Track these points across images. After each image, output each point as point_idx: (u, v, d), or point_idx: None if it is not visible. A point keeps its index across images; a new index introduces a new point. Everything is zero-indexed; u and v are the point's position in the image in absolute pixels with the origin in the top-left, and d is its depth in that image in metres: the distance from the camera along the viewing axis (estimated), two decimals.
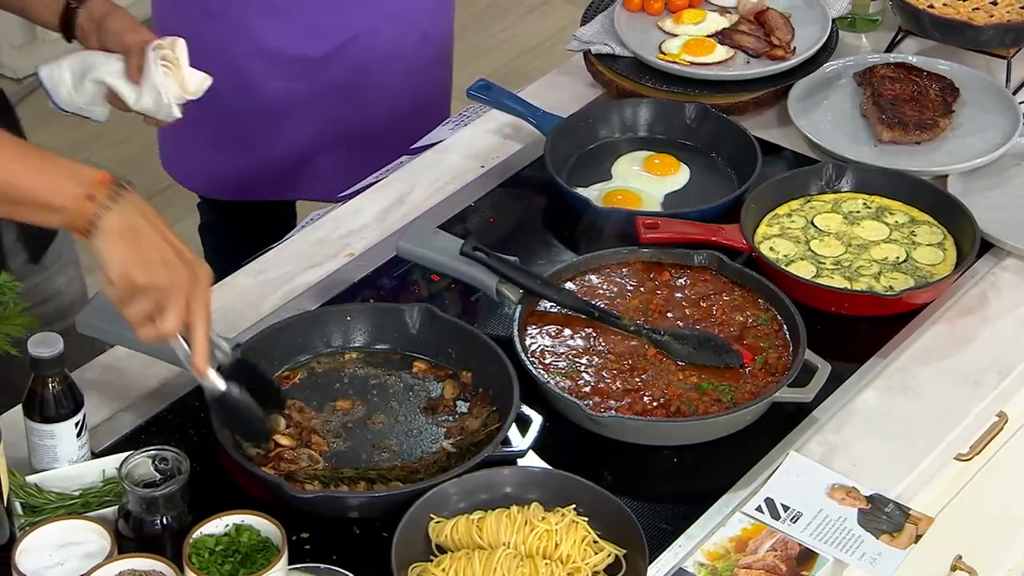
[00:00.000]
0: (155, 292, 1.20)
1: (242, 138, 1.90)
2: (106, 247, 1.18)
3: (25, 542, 1.21)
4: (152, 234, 1.20)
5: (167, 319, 1.20)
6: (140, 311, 1.20)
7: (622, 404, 1.40)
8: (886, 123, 1.73)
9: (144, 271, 1.19)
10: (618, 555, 1.26)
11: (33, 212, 1.18)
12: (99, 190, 1.18)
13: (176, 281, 1.20)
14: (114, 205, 1.18)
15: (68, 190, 1.18)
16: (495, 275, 1.49)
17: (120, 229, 1.18)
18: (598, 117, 1.76)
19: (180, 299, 1.20)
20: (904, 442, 1.40)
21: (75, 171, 1.19)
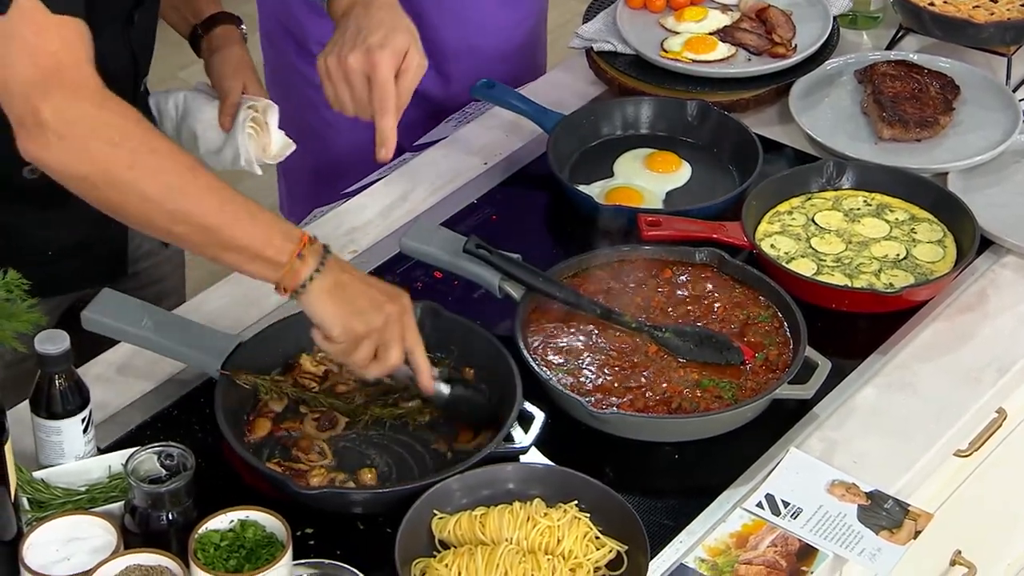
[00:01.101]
0: (375, 334, 1.27)
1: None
2: (321, 307, 1.25)
3: (32, 537, 1.22)
4: (355, 284, 1.27)
5: (391, 355, 1.28)
6: (365, 356, 1.28)
7: (624, 401, 1.41)
8: (887, 120, 1.74)
9: (361, 320, 1.26)
10: (620, 551, 1.27)
11: (240, 259, 1.23)
12: (307, 248, 1.23)
13: (389, 316, 1.27)
14: (320, 265, 1.24)
15: (279, 244, 1.23)
16: (498, 272, 1.50)
17: (329, 288, 1.25)
18: (600, 114, 1.77)
19: (397, 331, 1.28)
20: (904, 438, 1.41)
21: (284, 227, 1.24)
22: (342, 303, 1.25)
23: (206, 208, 1.20)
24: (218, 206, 1.20)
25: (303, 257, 1.22)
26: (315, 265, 1.23)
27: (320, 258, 1.24)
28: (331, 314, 1.25)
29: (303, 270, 1.23)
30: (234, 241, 1.21)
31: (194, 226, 1.21)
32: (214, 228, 1.21)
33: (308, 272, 1.23)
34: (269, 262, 1.22)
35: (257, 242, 1.21)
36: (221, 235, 1.21)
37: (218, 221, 1.20)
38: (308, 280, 1.23)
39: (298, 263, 1.22)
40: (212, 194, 1.21)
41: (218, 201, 1.20)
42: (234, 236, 1.21)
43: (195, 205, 1.20)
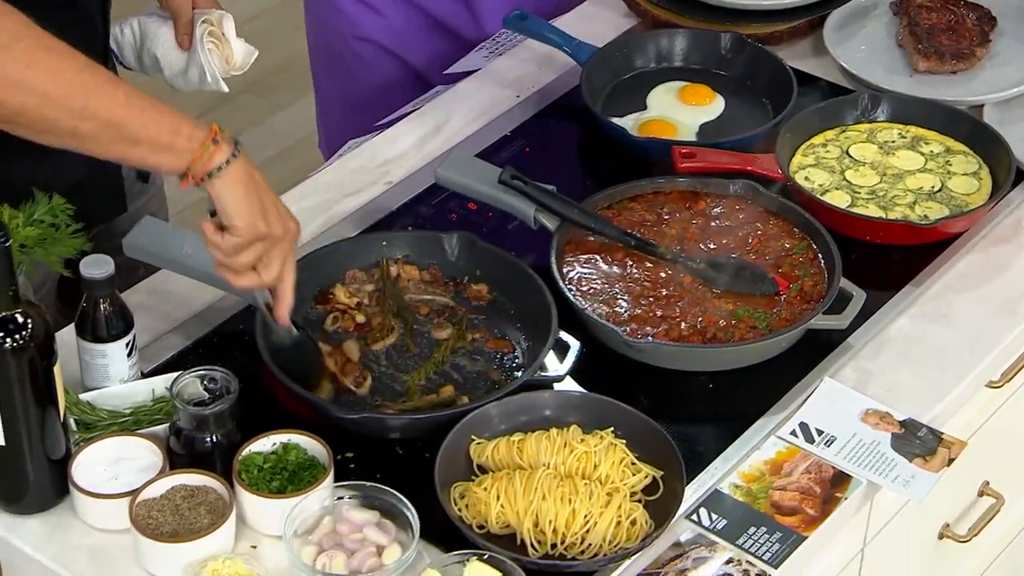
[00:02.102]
0: (269, 241, 1.24)
1: None
2: (231, 194, 1.20)
3: (80, 457, 1.24)
4: (266, 186, 1.24)
5: (271, 269, 1.25)
6: (249, 260, 1.24)
7: (659, 330, 1.42)
8: (922, 52, 1.73)
9: (266, 221, 1.23)
10: (655, 476, 1.29)
11: (149, 152, 1.19)
12: (220, 136, 1.20)
13: (288, 232, 1.25)
14: (234, 152, 1.20)
15: (189, 132, 1.19)
16: (533, 203, 1.50)
17: (244, 178, 1.21)
18: (634, 47, 1.76)
19: (286, 250, 1.25)
20: (937, 369, 1.42)
21: (191, 119, 1.21)
22: (254, 197, 1.21)
23: (112, 102, 1.17)
24: (124, 100, 1.17)
25: (217, 143, 1.19)
26: (229, 152, 1.20)
27: (233, 147, 1.21)
28: (242, 204, 1.20)
29: (217, 155, 1.19)
30: (144, 131, 1.18)
31: (101, 121, 1.17)
32: (121, 121, 1.17)
33: (223, 157, 1.19)
34: (179, 150, 1.19)
35: (166, 132, 1.18)
36: (129, 128, 1.17)
37: (126, 113, 1.17)
38: (224, 164, 1.19)
39: (212, 147, 1.19)
40: (116, 88, 1.18)
41: (123, 95, 1.17)
42: (144, 126, 1.17)
43: (100, 100, 1.17)
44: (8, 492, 1.24)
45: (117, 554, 1.22)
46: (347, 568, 1.20)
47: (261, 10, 3.38)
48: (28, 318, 1.17)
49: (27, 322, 1.17)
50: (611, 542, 1.23)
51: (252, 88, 3.13)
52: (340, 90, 1.90)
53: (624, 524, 1.24)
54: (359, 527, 1.22)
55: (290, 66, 3.14)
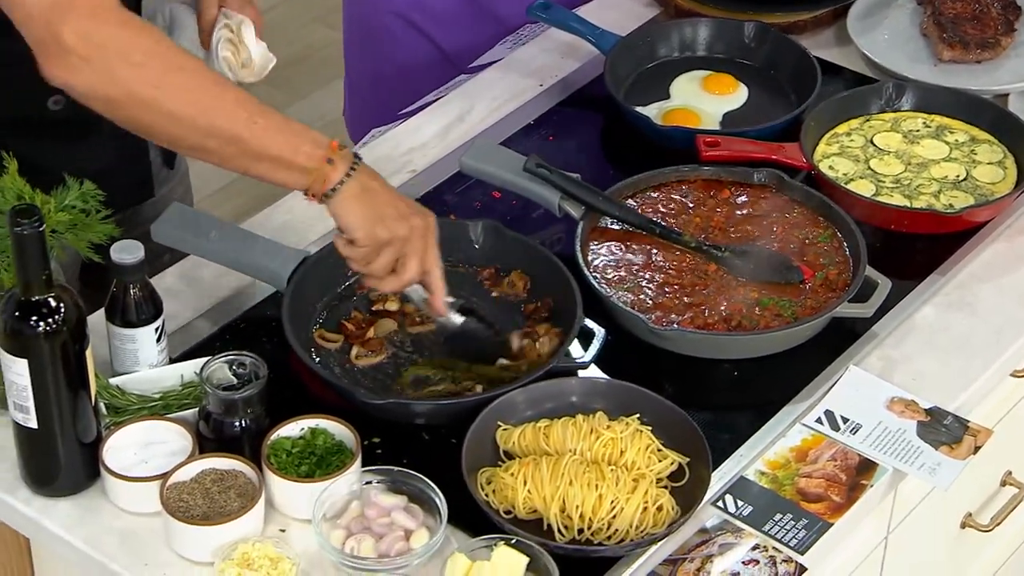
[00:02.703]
0: (397, 243, 1.28)
1: None
2: (347, 211, 1.26)
3: (111, 440, 1.25)
4: (384, 192, 1.28)
5: (409, 268, 1.29)
6: (385, 265, 1.29)
7: (684, 318, 1.42)
8: (947, 42, 1.73)
9: (386, 227, 1.27)
10: (681, 463, 1.29)
11: (270, 168, 1.24)
12: (336, 155, 1.25)
13: (414, 229, 1.28)
14: (350, 170, 1.25)
15: (308, 151, 1.24)
16: (557, 191, 1.51)
17: (358, 193, 1.26)
18: (657, 36, 1.76)
19: (419, 246, 1.29)
20: (962, 357, 1.42)
21: (312, 135, 1.26)
22: (369, 208, 1.26)
23: (235, 121, 1.22)
24: (247, 118, 1.22)
25: (333, 162, 1.24)
26: (345, 170, 1.25)
27: (350, 164, 1.26)
28: (357, 218, 1.26)
29: (333, 175, 1.24)
30: (265, 151, 1.23)
31: (224, 139, 1.22)
32: (244, 140, 1.22)
33: (338, 177, 1.25)
34: (299, 169, 1.24)
35: (287, 150, 1.23)
36: (251, 146, 1.22)
37: (248, 133, 1.22)
38: (338, 184, 1.25)
39: (328, 168, 1.24)
40: (240, 107, 1.22)
41: (246, 114, 1.22)
42: (264, 146, 1.23)
43: (224, 119, 1.22)
44: (40, 475, 1.25)
45: (147, 537, 1.23)
46: (375, 552, 1.20)
47: (278, 0, 3.38)
48: (61, 302, 1.18)
49: (60, 306, 1.18)
50: (637, 528, 1.23)
51: (268, 79, 3.14)
52: (369, 66, 1.89)
53: (650, 510, 1.24)
54: (387, 511, 1.23)
55: (306, 57, 3.14)
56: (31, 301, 1.17)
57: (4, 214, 1.24)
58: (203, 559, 1.20)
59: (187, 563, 1.21)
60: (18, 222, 1.13)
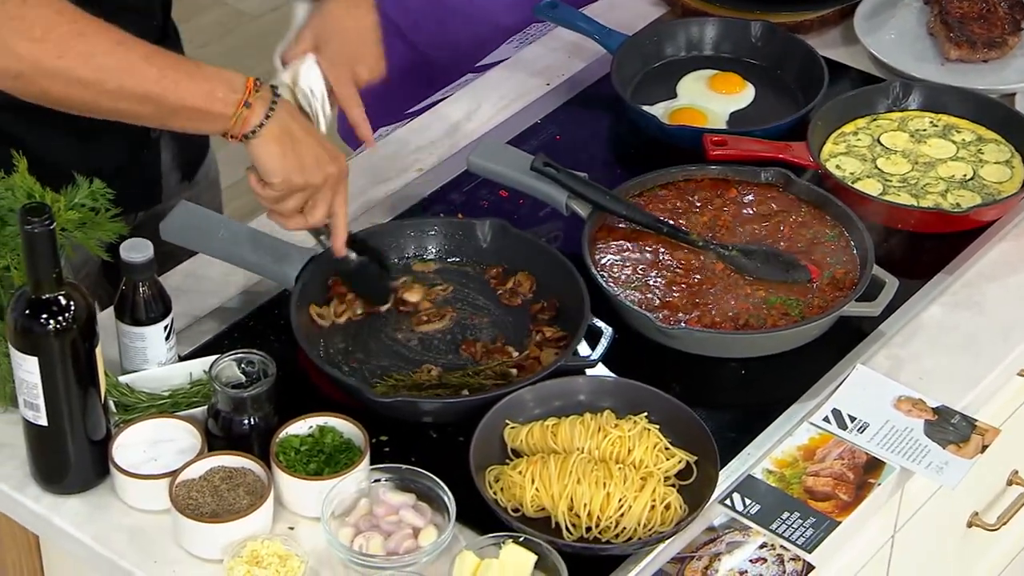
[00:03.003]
0: (310, 190, 1.28)
1: None
2: (266, 154, 1.25)
3: (120, 438, 1.25)
4: (305, 136, 1.27)
5: (317, 212, 1.30)
6: (293, 207, 1.29)
7: (691, 317, 1.42)
8: (954, 41, 1.73)
9: (302, 173, 1.27)
10: (689, 461, 1.29)
11: (189, 120, 1.24)
12: (252, 96, 1.23)
13: (328, 176, 1.29)
14: (268, 111, 1.24)
15: (223, 96, 1.23)
16: (565, 190, 1.51)
17: (277, 134, 1.25)
18: (664, 35, 1.77)
19: (329, 194, 1.29)
20: (970, 356, 1.42)
21: (227, 78, 1.24)
22: (289, 154, 1.26)
23: (144, 79, 1.20)
24: (157, 74, 1.21)
25: (250, 105, 1.23)
26: (263, 111, 1.24)
27: (268, 104, 1.24)
28: (276, 162, 1.25)
29: (251, 117, 1.23)
30: (180, 103, 1.21)
31: (137, 99, 1.21)
32: (157, 97, 1.21)
33: (257, 119, 1.23)
34: (217, 115, 1.23)
35: (201, 99, 1.22)
36: (166, 101, 1.21)
37: (159, 88, 1.20)
38: (258, 127, 1.23)
39: (245, 111, 1.23)
40: (148, 64, 1.21)
41: (156, 69, 1.21)
42: (179, 98, 1.21)
43: (133, 79, 1.20)
44: (50, 472, 1.25)
45: (156, 534, 1.23)
46: (384, 549, 1.21)
47: (282, 1, 3.39)
48: (71, 300, 1.18)
49: (70, 304, 1.18)
50: (645, 526, 1.24)
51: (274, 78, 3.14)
52: None
53: (658, 508, 1.24)
54: (395, 509, 1.23)
55: None
56: (41, 299, 1.17)
57: (15, 212, 1.24)
58: (212, 556, 1.21)
59: (196, 560, 1.21)
60: (29, 220, 1.13)
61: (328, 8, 1.44)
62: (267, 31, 3.34)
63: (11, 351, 1.19)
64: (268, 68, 1.61)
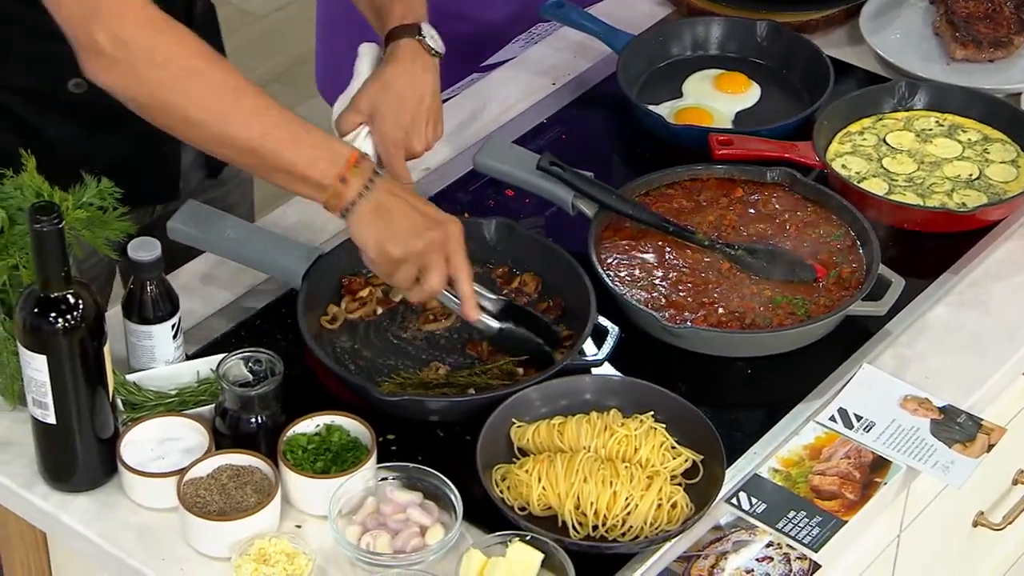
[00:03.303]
0: (413, 258, 1.27)
1: None
2: (360, 229, 1.26)
3: (128, 436, 1.26)
4: (400, 207, 1.27)
5: (430, 280, 1.29)
6: (406, 278, 1.29)
7: (697, 316, 1.42)
8: (960, 41, 1.73)
9: (398, 244, 1.26)
10: (695, 460, 1.29)
11: (288, 182, 1.25)
12: (351, 172, 1.24)
13: (430, 243, 1.27)
14: (364, 188, 1.25)
15: (324, 167, 1.24)
16: (571, 190, 1.51)
17: (372, 210, 1.26)
18: (669, 35, 1.77)
19: (438, 258, 1.28)
20: (976, 356, 1.42)
21: (332, 149, 1.25)
22: (381, 227, 1.26)
23: (249, 133, 1.22)
24: (261, 131, 1.22)
25: (346, 180, 1.24)
26: (359, 188, 1.24)
27: (366, 180, 1.25)
28: (368, 237, 1.26)
29: (347, 193, 1.24)
30: (280, 164, 1.23)
31: (239, 149, 1.23)
32: (258, 152, 1.22)
33: (352, 195, 1.24)
34: (315, 184, 1.24)
35: (301, 165, 1.23)
36: (266, 159, 1.23)
37: (261, 145, 1.22)
38: (351, 204, 1.24)
39: (341, 187, 1.24)
40: (255, 118, 1.22)
41: (261, 126, 1.22)
42: (279, 160, 1.23)
43: (238, 129, 1.22)
44: (58, 470, 1.26)
45: (164, 532, 1.24)
46: (391, 548, 1.21)
47: (287, 0, 3.40)
48: (79, 298, 1.18)
49: (78, 303, 1.18)
50: (652, 525, 1.24)
51: (280, 79, 3.16)
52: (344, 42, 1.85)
53: (665, 507, 1.24)
54: (403, 507, 1.23)
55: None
56: (50, 297, 1.17)
57: (23, 211, 1.24)
58: (220, 554, 1.21)
59: (204, 558, 1.22)
60: (37, 219, 1.13)
61: (386, 73, 1.43)
62: (272, 31, 3.35)
63: (20, 349, 1.20)
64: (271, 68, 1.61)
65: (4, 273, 1.23)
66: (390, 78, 1.43)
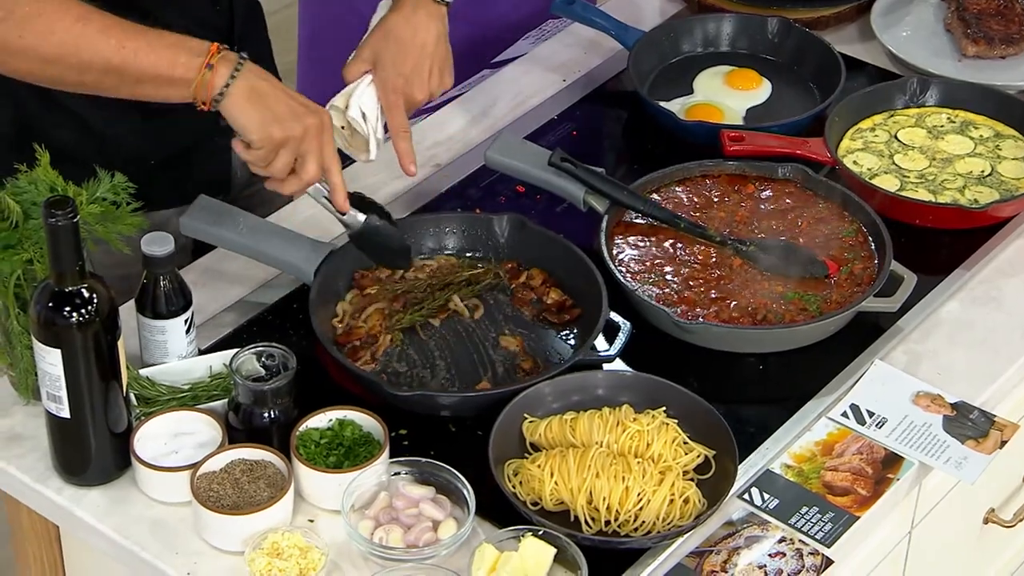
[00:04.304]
0: (293, 143, 1.26)
1: None
2: (238, 112, 1.24)
3: (141, 430, 1.26)
4: (275, 91, 1.26)
5: (308, 166, 1.27)
6: (283, 165, 1.27)
7: (709, 312, 1.42)
8: (971, 37, 1.73)
9: (280, 126, 1.25)
10: (708, 456, 1.29)
11: (156, 88, 1.24)
12: (215, 59, 1.23)
13: (308, 128, 1.26)
14: (233, 73, 1.23)
15: (185, 61, 1.23)
16: (583, 186, 1.51)
17: (246, 93, 1.24)
18: (680, 31, 1.77)
19: (315, 145, 1.27)
20: (988, 352, 1.42)
21: (189, 44, 1.24)
22: (260, 108, 1.24)
23: (105, 52, 1.21)
24: (116, 46, 1.22)
25: (213, 67, 1.23)
26: (228, 72, 1.23)
27: (234, 65, 1.24)
28: (249, 118, 1.24)
29: (215, 79, 1.23)
30: (142, 73, 1.22)
31: (100, 71, 1.22)
32: (119, 67, 1.22)
33: (221, 80, 1.23)
34: (181, 81, 1.23)
35: (163, 67, 1.22)
36: (128, 72, 1.22)
37: (120, 59, 1.22)
38: (224, 87, 1.23)
39: (208, 73, 1.23)
40: (108, 36, 1.22)
41: (115, 41, 1.22)
42: (141, 68, 1.22)
43: (93, 52, 1.21)
44: (72, 464, 1.26)
45: (177, 526, 1.24)
46: (404, 542, 1.21)
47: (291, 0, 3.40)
48: (94, 293, 1.19)
49: (92, 297, 1.19)
50: (664, 520, 1.24)
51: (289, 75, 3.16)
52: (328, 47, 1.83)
53: (677, 502, 1.24)
54: (415, 502, 1.23)
55: None
56: (64, 292, 1.18)
57: (38, 206, 1.25)
58: (233, 548, 1.21)
59: (217, 552, 1.22)
60: (52, 213, 1.14)
61: (388, 20, 1.42)
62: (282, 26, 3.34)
63: (34, 343, 1.20)
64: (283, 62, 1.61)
65: (19, 267, 1.23)
66: (391, 25, 1.42)
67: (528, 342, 1.40)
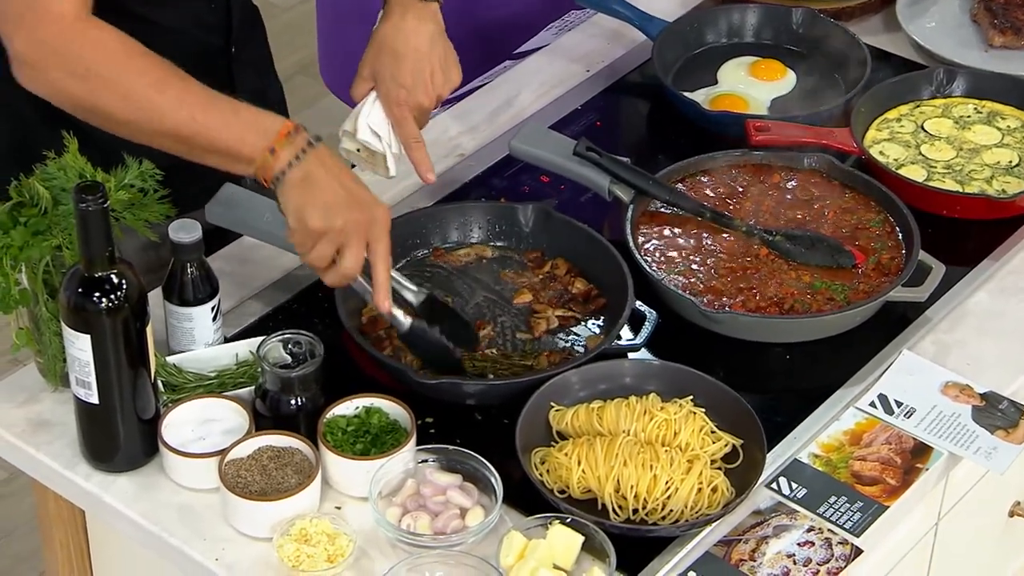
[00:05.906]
0: (333, 234, 1.25)
1: None
2: (285, 198, 1.25)
3: (169, 417, 1.26)
4: (328, 180, 1.25)
5: (346, 260, 1.25)
6: (321, 255, 1.26)
7: (735, 301, 1.42)
8: (998, 28, 1.72)
9: (318, 216, 1.24)
10: (735, 445, 1.29)
11: (222, 160, 1.26)
12: (280, 143, 1.24)
13: (352, 222, 1.24)
14: (294, 159, 1.24)
15: (253, 141, 1.24)
16: (607, 175, 1.51)
17: (300, 180, 1.24)
18: (705, 22, 1.76)
19: (358, 240, 1.25)
20: (1017, 342, 1.41)
21: (260, 123, 1.25)
22: (306, 195, 1.24)
23: (177, 122, 1.23)
24: (188, 118, 1.23)
25: (275, 152, 1.23)
26: (289, 159, 1.23)
27: (297, 151, 1.24)
28: (292, 205, 1.24)
29: (275, 164, 1.24)
30: (211, 146, 1.24)
31: (172, 139, 1.24)
32: (188, 138, 1.24)
33: (280, 166, 1.24)
34: (246, 159, 1.24)
35: (232, 144, 1.24)
36: (197, 143, 1.24)
37: (190, 131, 1.23)
38: (281, 173, 1.24)
39: (270, 158, 1.23)
40: (181, 107, 1.23)
41: (188, 113, 1.23)
42: (210, 142, 1.24)
43: (166, 122, 1.23)
44: (100, 450, 1.26)
45: (205, 512, 1.24)
46: (431, 529, 1.21)
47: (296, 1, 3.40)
48: (123, 279, 1.19)
49: (122, 283, 1.19)
50: (692, 508, 1.23)
51: (305, 71, 3.16)
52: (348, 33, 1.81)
53: (705, 491, 1.24)
54: (442, 490, 1.23)
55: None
56: (94, 277, 1.18)
57: (67, 192, 1.25)
58: (261, 534, 1.21)
59: (245, 538, 1.22)
60: (83, 198, 1.14)
61: (379, 33, 1.42)
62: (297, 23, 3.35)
63: (63, 329, 1.20)
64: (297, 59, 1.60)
65: (48, 253, 1.23)
66: (383, 37, 1.41)
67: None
